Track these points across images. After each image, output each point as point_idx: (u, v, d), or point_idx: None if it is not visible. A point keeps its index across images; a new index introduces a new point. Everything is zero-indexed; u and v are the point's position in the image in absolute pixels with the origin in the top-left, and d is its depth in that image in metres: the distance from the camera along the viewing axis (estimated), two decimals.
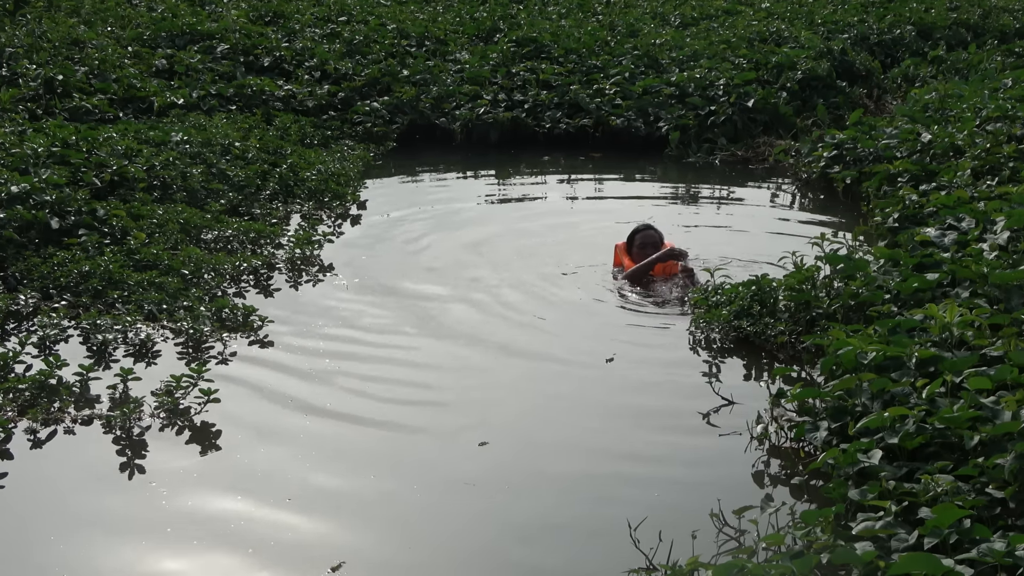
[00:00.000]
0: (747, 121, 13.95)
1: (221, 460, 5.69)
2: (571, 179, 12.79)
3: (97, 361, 6.67)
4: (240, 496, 5.33)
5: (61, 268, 7.69)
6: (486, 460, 5.79)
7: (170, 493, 5.35)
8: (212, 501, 5.30)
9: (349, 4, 18.84)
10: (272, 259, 8.79)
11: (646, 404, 6.46)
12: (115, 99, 12.41)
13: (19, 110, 11.24)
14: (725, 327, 7.29)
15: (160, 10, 16.83)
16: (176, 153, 10.23)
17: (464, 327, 7.69)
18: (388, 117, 13.86)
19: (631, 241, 8.80)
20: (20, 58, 12.67)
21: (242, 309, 7.40)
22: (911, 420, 5.04)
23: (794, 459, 5.66)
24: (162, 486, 5.40)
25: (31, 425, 5.87)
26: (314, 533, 5.05)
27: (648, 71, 15.33)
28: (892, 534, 4.39)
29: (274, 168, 10.97)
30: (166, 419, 5.98)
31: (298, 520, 5.14)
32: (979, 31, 18.96)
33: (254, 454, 5.76)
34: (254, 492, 5.36)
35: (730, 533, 4.92)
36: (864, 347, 5.75)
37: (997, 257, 6.90)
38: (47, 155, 9.22)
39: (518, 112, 14.12)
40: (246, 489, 5.39)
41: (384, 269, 8.95)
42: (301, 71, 14.79)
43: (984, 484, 4.62)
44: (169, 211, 8.94)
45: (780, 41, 16.78)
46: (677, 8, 20.37)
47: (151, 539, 4.96)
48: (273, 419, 6.16)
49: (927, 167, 9.97)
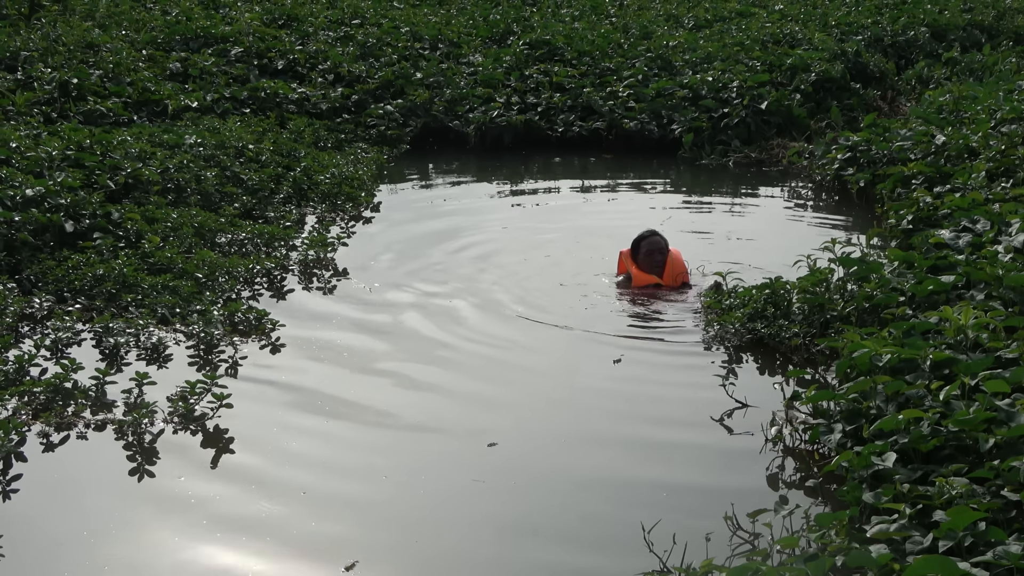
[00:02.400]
0: (761, 123, 13.93)
1: (233, 463, 5.70)
2: (584, 183, 12.78)
3: (109, 364, 6.68)
4: (252, 498, 5.33)
5: (75, 271, 7.72)
6: (497, 462, 5.79)
7: (182, 496, 5.36)
8: (224, 504, 5.30)
9: (362, 7, 18.89)
10: (286, 262, 8.80)
11: (659, 406, 6.45)
12: (129, 102, 12.45)
13: (34, 113, 11.29)
14: (739, 329, 7.28)
15: (174, 13, 16.89)
16: (190, 156, 10.26)
17: (476, 330, 7.68)
18: (402, 120, 13.88)
19: (636, 248, 8.65)
20: (35, 62, 12.73)
21: (255, 313, 7.41)
22: (926, 422, 5.02)
23: (808, 462, 5.65)
24: (174, 489, 5.41)
25: (44, 428, 5.88)
26: (327, 533, 5.05)
27: (661, 73, 15.32)
28: (907, 537, 4.37)
29: (288, 171, 10.99)
30: (179, 423, 5.99)
31: (311, 520, 5.14)
32: (993, 32, 18.91)
33: (266, 457, 5.77)
34: (266, 495, 5.36)
35: (744, 536, 4.91)
36: (879, 349, 5.73)
37: (1012, 259, 6.87)
38: (62, 158, 9.25)
39: (531, 115, 14.12)
40: (258, 492, 5.39)
41: (396, 272, 8.95)
42: (315, 74, 14.82)
43: (999, 487, 4.59)
44: (183, 214, 8.96)
45: (794, 43, 16.76)
46: (690, 10, 20.36)
47: (164, 541, 4.97)
48: (284, 422, 6.16)
49: (941, 169, 9.94)
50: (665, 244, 8.63)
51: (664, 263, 8.54)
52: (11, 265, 7.88)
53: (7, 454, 5.56)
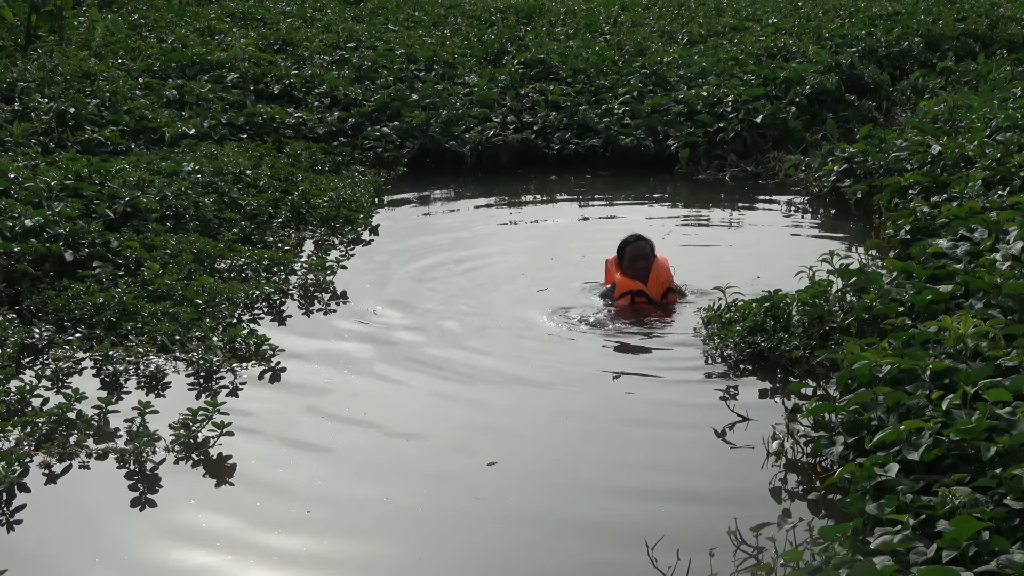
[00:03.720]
0: (757, 137, 13.96)
1: (234, 490, 5.68)
2: (582, 200, 12.81)
3: (110, 393, 6.67)
4: (255, 525, 5.33)
5: (75, 300, 7.72)
6: (497, 479, 5.78)
7: (185, 522, 5.35)
8: (227, 530, 5.29)
9: (357, 30, 18.96)
10: (285, 286, 8.81)
11: (660, 421, 6.45)
12: (127, 130, 12.48)
13: (32, 144, 11.31)
14: (739, 343, 7.28)
15: (170, 41, 16.94)
16: (188, 183, 10.28)
17: (474, 351, 7.67)
18: (398, 142, 13.91)
19: (621, 254, 8.59)
20: (32, 92, 12.76)
21: (254, 338, 7.41)
22: (927, 433, 5.02)
23: (811, 474, 5.64)
24: (177, 516, 5.41)
25: (46, 459, 5.87)
26: (326, 558, 5.04)
27: (656, 89, 15.37)
28: (911, 548, 4.36)
29: (286, 195, 11.01)
30: (180, 452, 5.97)
31: (311, 545, 5.14)
32: (987, 41, 18.99)
33: (268, 482, 5.76)
34: (269, 520, 5.36)
35: (748, 550, 4.90)
36: (879, 360, 5.73)
37: (1011, 267, 6.88)
38: (60, 188, 9.27)
39: (528, 134, 14.16)
40: (261, 517, 5.39)
41: (396, 294, 8.95)
42: (311, 98, 14.87)
43: (1002, 495, 4.59)
44: (182, 241, 8.98)
45: (788, 56, 16.81)
46: (684, 26, 20.42)
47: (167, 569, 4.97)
48: (285, 446, 6.16)
49: (938, 179, 9.96)
50: (651, 249, 8.57)
51: (648, 269, 8.47)
52: (11, 296, 7.89)
53: (9, 485, 5.55)
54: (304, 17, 20.64)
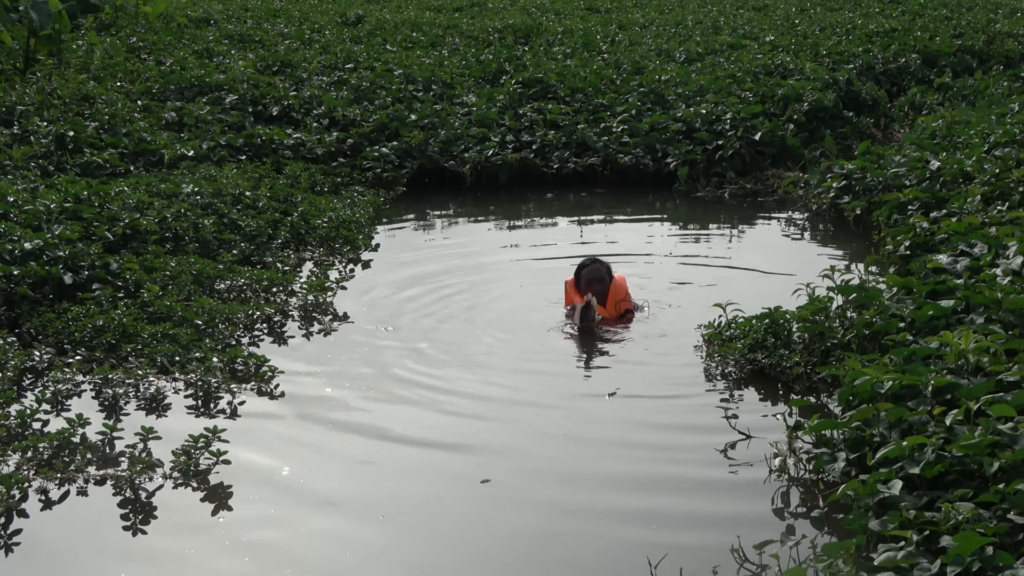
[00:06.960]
0: (755, 154, 13.97)
1: (233, 514, 5.67)
2: (582, 219, 12.80)
3: (108, 415, 6.65)
4: (254, 548, 5.32)
5: (75, 323, 7.71)
6: (496, 497, 5.77)
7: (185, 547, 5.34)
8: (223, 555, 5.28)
9: (355, 51, 19.00)
10: (285, 307, 8.80)
11: (661, 439, 6.44)
12: (126, 153, 12.48)
13: (31, 167, 11.32)
14: (740, 360, 7.27)
15: (168, 63, 16.97)
16: (187, 205, 10.29)
17: (476, 371, 7.67)
18: (397, 162, 13.91)
19: (578, 278, 8.69)
20: (31, 116, 12.79)
21: (254, 360, 7.40)
22: (930, 449, 5.01)
23: (813, 491, 5.63)
24: (176, 541, 5.39)
25: (43, 484, 5.83)
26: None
27: (655, 108, 15.40)
28: (914, 564, 4.35)
29: (285, 216, 11.01)
30: (179, 478, 5.94)
31: (314, 564, 5.12)
32: (984, 57, 19.04)
33: (268, 500, 5.75)
34: (269, 540, 5.35)
35: (751, 568, 4.89)
36: (880, 376, 5.72)
37: (1011, 282, 6.87)
38: (60, 211, 9.27)
39: (526, 153, 14.17)
40: (260, 537, 5.38)
41: (396, 314, 8.94)
42: (309, 119, 14.88)
43: (1005, 511, 4.58)
44: (182, 263, 8.97)
45: (785, 73, 16.85)
46: (682, 44, 20.47)
47: None
48: (284, 466, 6.15)
49: (937, 194, 9.97)
50: (606, 272, 8.67)
51: (606, 292, 8.56)
52: (11, 319, 7.88)
53: (7, 510, 5.52)
54: (302, 39, 20.68)
